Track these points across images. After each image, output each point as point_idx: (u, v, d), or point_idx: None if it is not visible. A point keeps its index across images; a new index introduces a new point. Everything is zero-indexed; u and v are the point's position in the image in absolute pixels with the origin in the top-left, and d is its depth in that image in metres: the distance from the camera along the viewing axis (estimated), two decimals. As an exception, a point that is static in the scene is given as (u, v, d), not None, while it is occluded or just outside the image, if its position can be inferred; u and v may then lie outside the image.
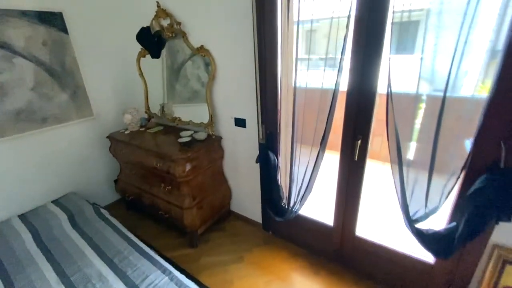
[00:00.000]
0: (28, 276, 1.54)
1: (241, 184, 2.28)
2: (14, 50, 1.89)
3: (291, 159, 1.74)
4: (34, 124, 2.06)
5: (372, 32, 1.23)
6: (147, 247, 1.76)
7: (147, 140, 2.20)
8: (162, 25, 2.10)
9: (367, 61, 1.28)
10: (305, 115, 1.57)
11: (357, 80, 1.35)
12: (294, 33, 1.40)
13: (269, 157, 1.83)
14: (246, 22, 1.62)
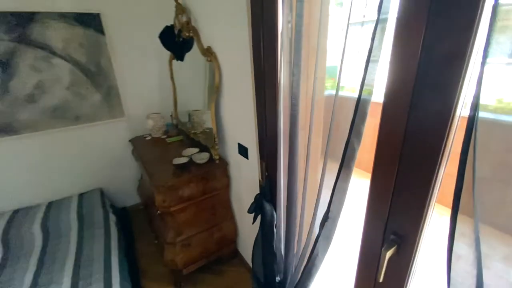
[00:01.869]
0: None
1: (247, 224, 1.76)
2: (53, 51, 1.99)
3: (288, 214, 1.11)
4: (67, 121, 2.17)
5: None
6: (116, 275, 1.54)
7: (155, 151, 1.98)
8: (182, 22, 1.79)
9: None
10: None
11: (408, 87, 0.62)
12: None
13: (264, 210, 1.25)
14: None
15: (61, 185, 2.28)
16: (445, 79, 0.51)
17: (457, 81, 0.50)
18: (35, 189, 2.19)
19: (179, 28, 1.83)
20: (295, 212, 1.07)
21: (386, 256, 0.68)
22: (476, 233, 0.52)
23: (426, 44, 0.52)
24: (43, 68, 1.98)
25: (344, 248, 1.63)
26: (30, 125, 2.04)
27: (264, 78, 1.06)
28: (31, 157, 2.10)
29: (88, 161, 2.35)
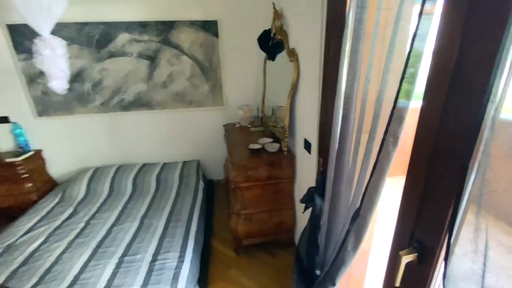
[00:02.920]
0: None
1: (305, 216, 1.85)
2: (182, 50, 2.62)
3: (331, 209, 1.17)
4: (183, 104, 2.82)
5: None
6: (195, 226, 1.98)
7: (239, 136, 2.33)
8: (277, 27, 2.02)
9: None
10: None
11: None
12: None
13: (315, 203, 1.34)
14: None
15: (173, 152, 2.99)
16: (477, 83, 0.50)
17: (485, 84, 0.48)
18: (157, 152, 2.97)
19: (274, 32, 2.07)
20: (338, 209, 1.12)
21: (402, 260, 0.68)
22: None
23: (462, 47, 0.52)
24: (174, 63, 2.66)
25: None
26: (161, 104, 2.78)
27: (328, 79, 1.14)
28: (157, 128, 2.87)
29: (193, 137, 2.98)
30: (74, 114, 2.68)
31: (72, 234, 1.91)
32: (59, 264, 1.64)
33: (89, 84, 2.59)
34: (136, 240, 1.82)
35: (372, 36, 0.81)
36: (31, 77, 2.50)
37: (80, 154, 2.85)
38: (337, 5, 1.05)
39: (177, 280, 1.51)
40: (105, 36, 2.46)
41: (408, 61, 0.63)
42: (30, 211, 2.24)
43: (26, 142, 2.65)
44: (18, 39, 2.38)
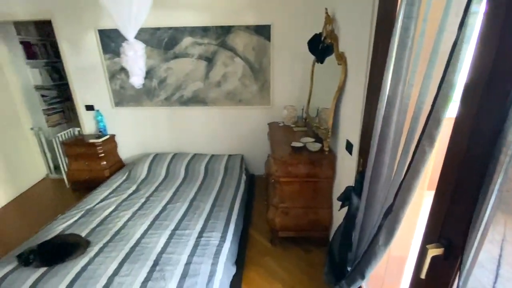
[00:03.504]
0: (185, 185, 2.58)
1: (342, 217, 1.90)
2: (236, 52, 2.85)
3: (366, 209, 1.22)
4: (233, 102, 3.05)
5: None
6: (236, 213, 2.18)
7: (282, 134, 2.45)
8: (328, 31, 2.10)
9: None
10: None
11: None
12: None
13: (351, 202, 1.40)
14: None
15: (220, 145, 3.26)
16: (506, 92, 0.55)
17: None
18: (206, 144, 3.27)
19: (325, 36, 2.14)
20: (373, 207, 1.17)
21: (428, 253, 0.73)
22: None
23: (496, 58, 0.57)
24: (228, 64, 2.90)
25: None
26: (213, 101, 3.06)
27: (373, 83, 1.20)
28: (209, 122, 3.16)
29: (239, 133, 3.20)
30: (142, 106, 3.13)
31: (136, 206, 2.27)
32: (125, 228, 1.98)
33: (156, 81, 3.00)
34: (186, 218, 2.09)
35: (417, 44, 0.86)
36: (112, 74, 3.00)
37: (144, 140, 3.30)
38: (386, 13, 1.11)
39: (218, 256, 1.71)
40: (172, 39, 2.82)
41: (447, 69, 0.68)
42: (104, 184, 2.71)
43: (104, 127, 3.18)
44: (105, 41, 2.88)
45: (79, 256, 1.69)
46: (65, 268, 1.59)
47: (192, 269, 1.59)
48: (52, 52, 3.76)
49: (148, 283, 1.49)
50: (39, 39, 3.62)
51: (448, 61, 0.68)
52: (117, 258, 1.67)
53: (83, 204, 2.33)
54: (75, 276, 1.54)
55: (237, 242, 2.01)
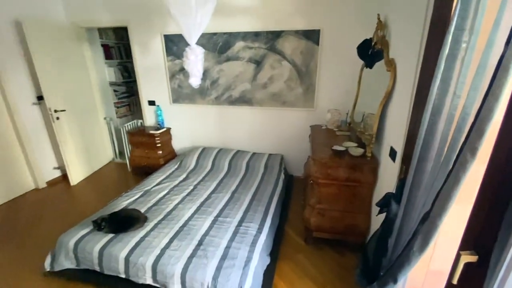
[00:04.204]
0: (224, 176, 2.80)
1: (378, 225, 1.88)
2: (284, 56, 2.97)
3: (403, 216, 1.23)
4: (278, 104, 3.18)
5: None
6: (273, 208, 2.31)
7: (324, 137, 2.49)
8: (379, 37, 2.08)
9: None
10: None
11: None
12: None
13: (390, 208, 1.41)
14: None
15: (262, 144, 3.42)
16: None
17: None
18: (249, 142, 3.45)
19: (376, 41, 2.13)
20: (411, 215, 1.18)
21: (461, 259, 0.76)
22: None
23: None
24: (276, 67, 3.04)
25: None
26: (259, 102, 3.22)
27: (421, 91, 1.21)
28: (253, 122, 3.34)
29: (281, 134, 3.31)
30: (195, 104, 3.45)
31: (185, 192, 2.55)
32: (176, 210, 2.25)
33: (209, 81, 3.28)
34: (227, 207, 2.28)
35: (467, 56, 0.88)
36: (172, 74, 3.38)
37: (194, 134, 3.63)
38: (438, 23, 1.11)
39: (255, 245, 1.85)
40: (226, 43, 3.07)
41: (493, 82, 0.70)
42: (159, 171, 3.07)
43: (162, 121, 3.59)
44: (169, 45, 3.26)
45: (139, 228, 1.99)
46: (128, 237, 1.90)
47: (231, 253, 1.76)
48: (124, 54, 4.36)
49: (193, 259, 1.70)
50: (115, 42, 4.23)
51: (494, 75, 0.70)
52: (168, 234, 1.93)
53: (142, 185, 2.69)
54: (135, 245, 1.83)
55: (272, 235, 2.12)
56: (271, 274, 1.91)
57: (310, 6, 2.74)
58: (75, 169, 3.34)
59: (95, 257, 1.80)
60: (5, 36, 2.78)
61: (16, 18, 2.83)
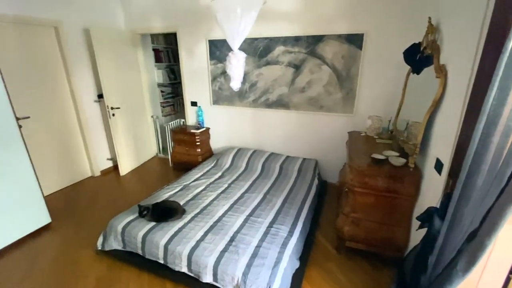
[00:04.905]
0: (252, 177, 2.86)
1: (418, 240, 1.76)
2: (325, 60, 2.94)
3: (447, 234, 1.15)
4: (314, 108, 3.16)
5: None
6: (305, 213, 2.30)
7: (362, 145, 2.41)
8: (429, 41, 1.96)
9: None
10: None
11: None
12: None
13: (432, 223, 1.33)
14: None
15: (296, 148, 3.42)
16: None
17: None
18: (283, 145, 3.48)
19: (425, 46, 2.01)
20: (456, 232, 1.10)
21: (511, 283, 0.70)
22: None
23: None
24: (315, 71, 3.02)
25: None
26: (295, 106, 3.23)
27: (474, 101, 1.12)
28: (288, 125, 3.36)
29: (316, 139, 3.28)
30: (234, 106, 3.58)
31: (220, 189, 2.67)
32: (211, 206, 2.36)
33: (248, 84, 3.39)
34: (259, 208, 2.33)
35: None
36: (214, 77, 3.56)
37: (230, 135, 3.77)
38: (498, 28, 1.03)
39: (285, 247, 1.87)
40: (266, 48, 3.14)
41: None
42: (197, 168, 3.25)
43: (202, 121, 3.79)
44: (212, 50, 3.44)
45: (177, 219, 2.14)
46: (167, 226, 2.06)
47: (261, 252, 1.80)
48: (172, 57, 4.70)
49: (225, 253, 1.79)
50: (164, 47, 4.59)
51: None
52: (204, 227, 2.04)
53: (182, 180, 2.88)
54: (173, 234, 1.98)
55: (303, 240, 2.12)
56: (299, 278, 1.90)
57: (354, 10, 2.68)
58: (124, 161, 3.70)
59: (139, 241, 1.99)
60: (76, 42, 3.22)
61: (85, 26, 3.25)
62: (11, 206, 2.27)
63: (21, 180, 2.32)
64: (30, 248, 2.30)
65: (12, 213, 2.28)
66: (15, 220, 2.31)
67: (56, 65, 3.09)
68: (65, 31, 3.06)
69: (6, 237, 2.27)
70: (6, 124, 2.17)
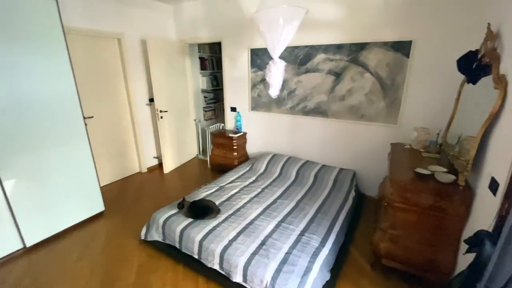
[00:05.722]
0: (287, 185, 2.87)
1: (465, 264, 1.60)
2: (367, 68, 2.85)
3: (499, 258, 1.04)
4: (355, 117, 3.06)
5: None
6: (339, 225, 2.25)
7: (406, 158, 2.27)
8: (487, 49, 1.80)
9: None
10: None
11: None
12: None
13: (483, 248, 1.21)
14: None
15: (333, 157, 3.34)
16: None
17: None
18: (319, 153, 3.42)
19: (482, 54, 1.84)
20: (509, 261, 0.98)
21: None
22: None
23: None
24: (356, 79, 2.94)
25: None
26: (334, 114, 3.17)
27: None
28: (326, 133, 3.30)
29: (356, 149, 3.16)
30: (271, 112, 3.65)
31: (253, 193, 2.73)
32: (244, 208, 2.43)
33: (286, 92, 3.43)
34: (291, 215, 2.33)
35: None
36: (254, 84, 3.68)
37: (266, 141, 3.84)
38: None
39: (316, 257, 1.84)
40: (307, 56, 3.16)
41: None
42: (233, 171, 3.37)
43: (240, 126, 3.93)
44: (253, 58, 3.57)
45: (212, 218, 2.25)
46: (203, 223, 2.18)
47: (291, 259, 1.80)
48: (215, 65, 4.98)
49: (256, 256, 1.83)
50: (209, 55, 4.88)
51: None
52: (236, 228, 2.12)
53: (218, 181, 3.02)
54: (208, 232, 2.08)
55: (335, 252, 2.06)
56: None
57: (402, 17, 2.56)
58: (168, 160, 4.00)
59: (177, 235, 2.14)
60: (134, 52, 3.61)
61: (142, 37, 3.64)
62: (74, 193, 2.62)
63: (84, 170, 2.67)
64: (86, 231, 2.62)
65: (75, 199, 2.63)
66: (76, 206, 2.66)
67: (116, 72, 3.51)
68: (126, 42, 3.46)
69: (69, 219, 2.63)
70: (76, 122, 2.53)
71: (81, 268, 2.13)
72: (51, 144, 2.37)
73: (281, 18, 2.05)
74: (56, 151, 2.42)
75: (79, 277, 2.04)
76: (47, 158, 2.36)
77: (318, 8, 2.92)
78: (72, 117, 2.50)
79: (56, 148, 2.41)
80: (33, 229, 2.36)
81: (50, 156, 2.38)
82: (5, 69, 2.03)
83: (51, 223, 2.48)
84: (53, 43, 2.28)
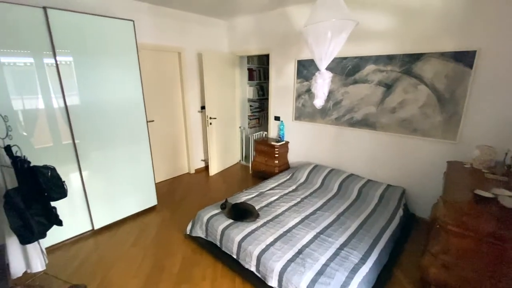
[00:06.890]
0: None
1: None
2: (422, 80, 2.68)
3: None
4: (406, 131, 2.88)
5: None
6: (383, 243, 2.14)
7: (465, 178, 2.06)
8: None
9: None
10: None
11: None
12: None
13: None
14: None
15: (380, 172, 3.16)
16: None
17: None
18: (365, 167, 3.28)
19: None
20: None
21: None
22: None
23: None
24: (409, 91, 2.78)
25: None
26: (383, 127, 3.03)
27: None
28: (373, 147, 3.16)
29: (406, 165, 2.96)
30: (315, 122, 3.64)
31: (292, 202, 2.75)
32: (282, 216, 2.47)
33: (332, 102, 3.40)
34: (331, 228, 2.29)
35: None
36: (299, 94, 3.74)
37: (308, 150, 3.82)
38: None
39: (354, 273, 1.78)
40: (355, 67, 3.11)
41: None
42: (273, 178, 3.44)
43: (283, 135, 4.00)
44: (300, 69, 3.64)
45: (252, 221, 2.34)
46: (242, 226, 2.28)
47: (328, 271, 1.78)
48: (262, 76, 5.18)
49: (292, 263, 1.85)
50: (257, 66, 5.11)
51: None
52: (274, 234, 2.17)
53: (259, 187, 3.11)
54: (246, 234, 2.18)
55: (377, 272, 1.95)
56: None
57: (464, 25, 2.37)
58: (214, 164, 4.27)
59: (218, 233, 2.28)
60: (190, 64, 4.00)
61: (199, 50, 4.01)
62: (134, 187, 2.98)
63: (143, 167, 3.03)
64: (141, 222, 2.95)
65: (134, 193, 2.99)
66: (135, 198, 3.02)
67: (175, 82, 3.93)
68: (185, 55, 3.86)
69: (128, 209, 2.99)
70: (140, 125, 2.91)
71: (134, 253, 2.41)
72: (119, 143, 2.76)
73: (330, 31, 2.09)
74: (123, 149, 2.80)
75: (132, 261, 2.31)
76: (115, 155, 2.76)
77: (369, 19, 2.87)
78: (138, 120, 2.88)
79: (123, 147, 2.80)
80: (101, 215, 2.76)
81: (117, 153, 2.77)
82: (93, 80, 2.47)
83: (114, 211, 2.87)
84: (128, 58, 2.69)
